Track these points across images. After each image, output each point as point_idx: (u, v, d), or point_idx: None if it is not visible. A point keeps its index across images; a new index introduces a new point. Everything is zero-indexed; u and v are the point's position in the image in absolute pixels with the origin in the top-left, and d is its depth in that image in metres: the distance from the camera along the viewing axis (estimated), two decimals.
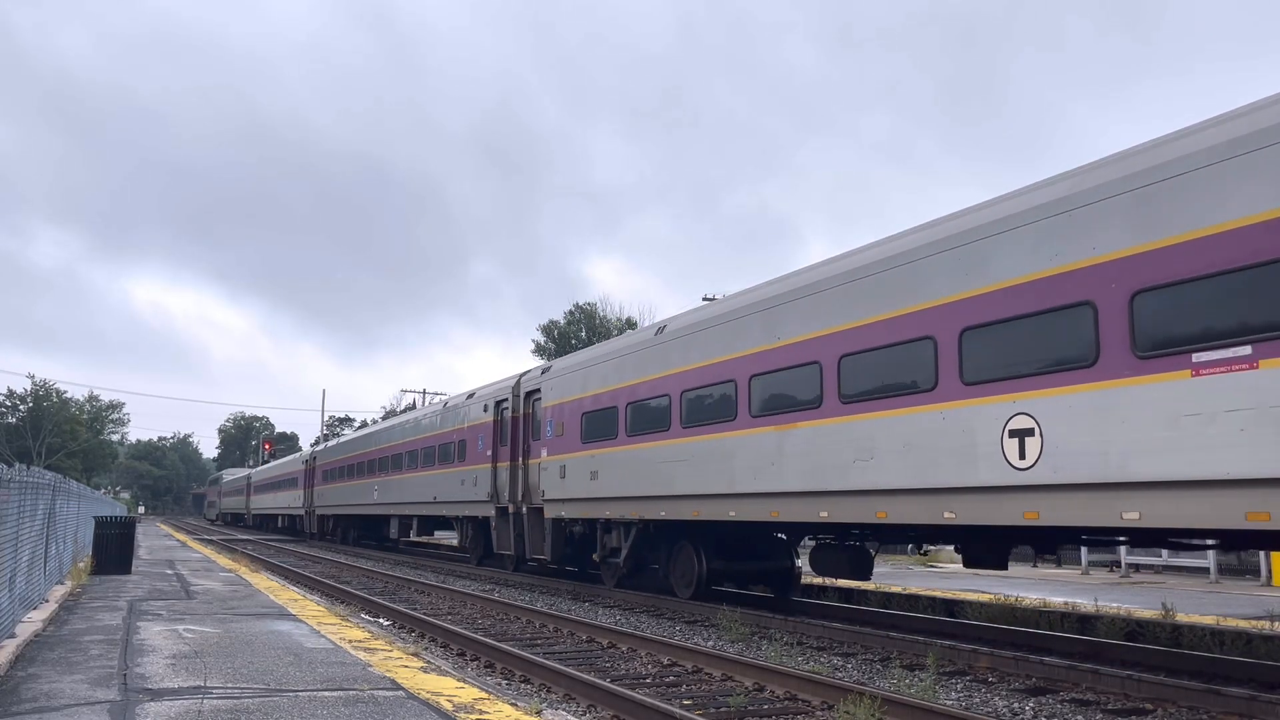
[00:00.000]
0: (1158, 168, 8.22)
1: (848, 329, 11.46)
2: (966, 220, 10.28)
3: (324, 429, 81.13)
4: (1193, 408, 7.65)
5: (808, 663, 10.24)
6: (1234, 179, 7.60)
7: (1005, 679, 9.40)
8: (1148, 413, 7.98)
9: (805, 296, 12.32)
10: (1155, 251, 8.08)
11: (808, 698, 8.38)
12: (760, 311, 13.19)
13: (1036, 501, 9.01)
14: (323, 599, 16.38)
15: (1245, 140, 7.59)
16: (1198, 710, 7.84)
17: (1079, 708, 8.17)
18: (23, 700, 6.81)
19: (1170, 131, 8.71)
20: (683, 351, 14.92)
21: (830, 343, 11.70)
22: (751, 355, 13.21)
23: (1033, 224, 9.25)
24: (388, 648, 9.79)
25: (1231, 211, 7.58)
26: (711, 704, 8.29)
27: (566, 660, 10.33)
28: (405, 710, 6.60)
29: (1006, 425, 9.25)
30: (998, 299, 9.49)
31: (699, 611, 14.53)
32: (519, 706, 6.93)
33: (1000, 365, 9.37)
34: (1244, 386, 7.32)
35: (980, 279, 9.73)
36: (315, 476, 44.48)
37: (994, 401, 9.42)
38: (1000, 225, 9.64)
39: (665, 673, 9.92)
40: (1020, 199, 9.70)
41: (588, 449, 17.68)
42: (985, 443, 9.45)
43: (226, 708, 6.57)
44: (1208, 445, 7.52)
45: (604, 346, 18.96)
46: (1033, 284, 9.12)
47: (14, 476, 10.08)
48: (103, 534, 19.64)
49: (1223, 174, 7.69)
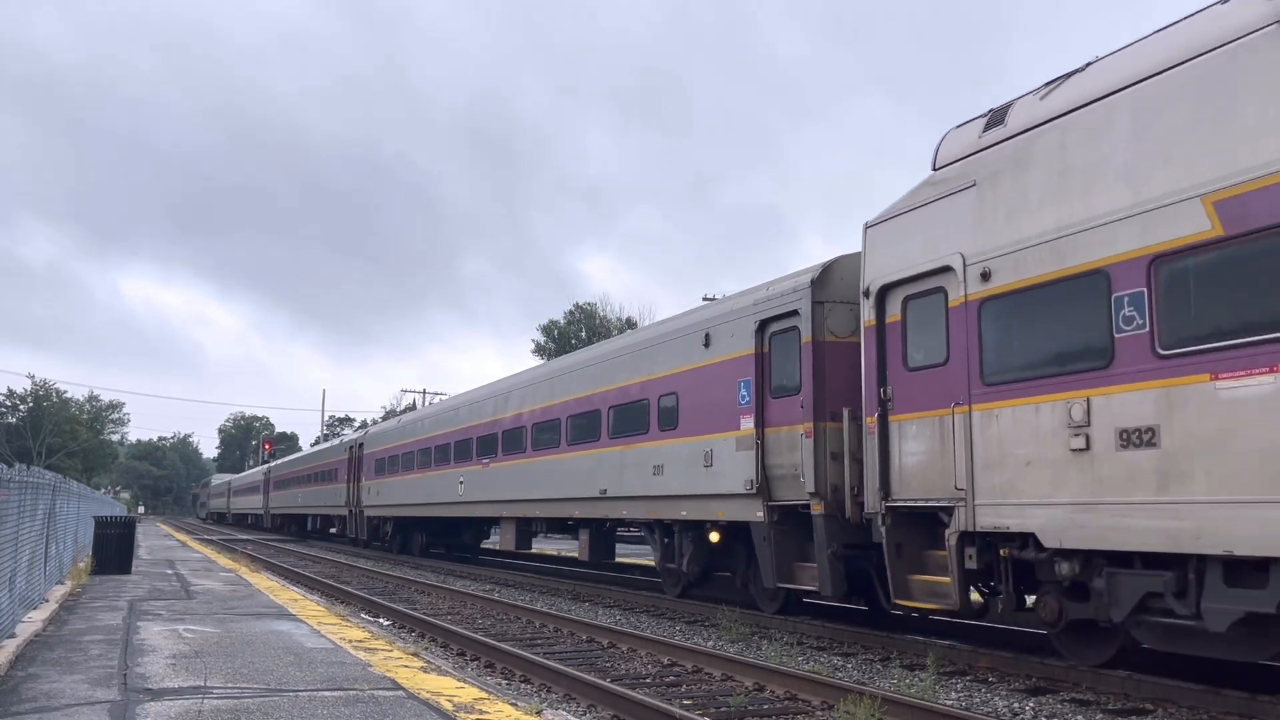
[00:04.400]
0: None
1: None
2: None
3: (324, 429, 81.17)
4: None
5: (808, 663, 10.24)
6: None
7: (1005, 679, 9.39)
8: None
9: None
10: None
11: (808, 698, 8.38)
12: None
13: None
14: (323, 599, 16.39)
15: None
16: (1198, 710, 7.83)
17: (1079, 708, 8.17)
18: (23, 700, 6.81)
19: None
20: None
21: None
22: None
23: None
24: (388, 648, 9.79)
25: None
26: (711, 704, 8.29)
27: (566, 660, 10.33)
28: (405, 710, 6.60)
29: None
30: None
31: (699, 611, 14.54)
32: (519, 706, 6.93)
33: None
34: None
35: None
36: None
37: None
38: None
39: (665, 673, 9.92)
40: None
41: (379, 479, 32.86)
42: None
43: (226, 708, 6.57)
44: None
45: (383, 427, 33.36)
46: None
47: (14, 476, 10.08)
48: (103, 534, 19.63)
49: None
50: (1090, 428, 8.16)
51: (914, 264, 10.15)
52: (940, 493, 9.64)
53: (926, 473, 9.91)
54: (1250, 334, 7.11)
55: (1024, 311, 8.89)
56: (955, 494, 9.38)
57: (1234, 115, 7.45)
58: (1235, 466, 7.13)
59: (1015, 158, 9.20)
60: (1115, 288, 8.04)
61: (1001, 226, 9.19)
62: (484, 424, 23.62)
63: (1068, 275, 8.48)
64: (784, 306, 12.72)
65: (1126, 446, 7.91)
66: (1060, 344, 8.53)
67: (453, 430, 25.94)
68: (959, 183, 9.80)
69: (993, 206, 9.33)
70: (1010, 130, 9.43)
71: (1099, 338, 8.15)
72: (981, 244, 9.36)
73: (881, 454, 10.43)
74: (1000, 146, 9.44)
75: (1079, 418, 8.25)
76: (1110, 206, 8.18)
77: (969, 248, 9.48)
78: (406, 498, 29.67)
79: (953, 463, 9.45)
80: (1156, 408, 7.68)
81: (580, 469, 18.09)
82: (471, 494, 23.96)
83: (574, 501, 18.45)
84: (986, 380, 9.17)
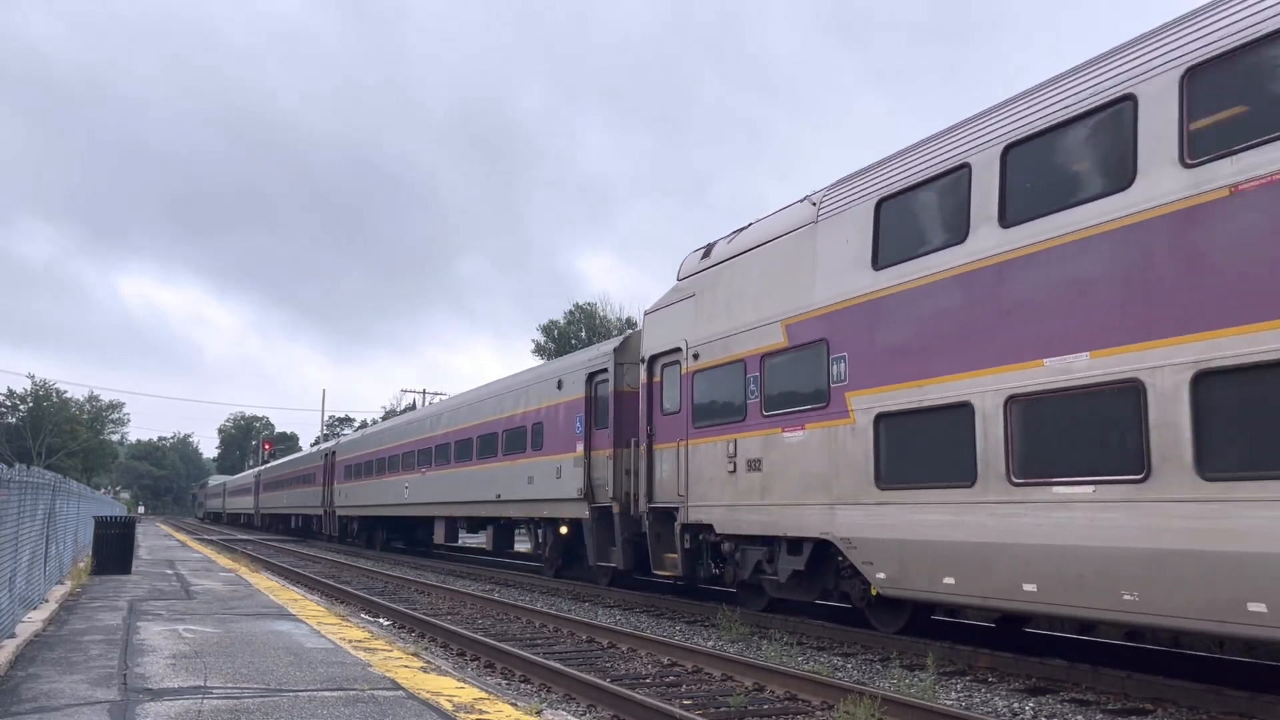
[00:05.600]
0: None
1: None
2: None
3: (324, 429, 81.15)
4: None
5: (808, 663, 10.24)
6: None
7: (1005, 679, 9.39)
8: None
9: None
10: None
11: (808, 698, 8.38)
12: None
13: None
14: (322, 599, 16.39)
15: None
16: (1198, 710, 7.84)
17: (1079, 708, 8.17)
18: (23, 700, 6.80)
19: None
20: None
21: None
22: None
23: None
24: (388, 648, 9.78)
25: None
26: (711, 704, 8.29)
27: (566, 660, 10.33)
28: (405, 710, 6.60)
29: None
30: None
31: (699, 611, 14.55)
32: (519, 706, 6.93)
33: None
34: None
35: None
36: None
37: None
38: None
39: (665, 673, 9.92)
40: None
41: (347, 483, 38.01)
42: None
43: (226, 708, 6.57)
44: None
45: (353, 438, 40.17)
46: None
47: (14, 476, 10.07)
48: (103, 534, 19.62)
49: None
50: (736, 458, 12.96)
51: (666, 343, 15.04)
52: (674, 498, 14.49)
53: (669, 484, 14.69)
54: (794, 406, 11.88)
55: (710, 382, 13.73)
56: (679, 498, 14.25)
57: (795, 273, 12.11)
58: (789, 484, 11.90)
59: (711, 281, 14.04)
60: (748, 372, 12.84)
61: (704, 325, 14.01)
62: (423, 439, 28.77)
63: (728, 361, 13.30)
64: (601, 365, 17.91)
65: (750, 470, 12.66)
66: (724, 405, 13.38)
67: (401, 443, 31.05)
68: (687, 292, 14.67)
69: (701, 311, 14.18)
70: (711, 261, 14.19)
71: (740, 403, 12.97)
72: (695, 335, 14.21)
73: (648, 472, 15.30)
74: (706, 272, 14.24)
75: (731, 452, 13.06)
76: (746, 321, 12.98)
77: (690, 336, 14.35)
78: (367, 500, 35.00)
79: (679, 478, 14.27)
80: (762, 447, 12.44)
81: (484, 478, 23.35)
82: (414, 497, 29.01)
83: (480, 504, 23.84)
84: (694, 425, 14.02)
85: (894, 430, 10.35)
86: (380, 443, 33.87)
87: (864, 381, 10.79)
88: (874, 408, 10.59)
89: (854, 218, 11.31)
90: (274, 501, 56.51)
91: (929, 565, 9.78)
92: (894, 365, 10.37)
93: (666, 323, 15.05)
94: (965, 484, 9.32)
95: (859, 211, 11.26)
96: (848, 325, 11.10)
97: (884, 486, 10.36)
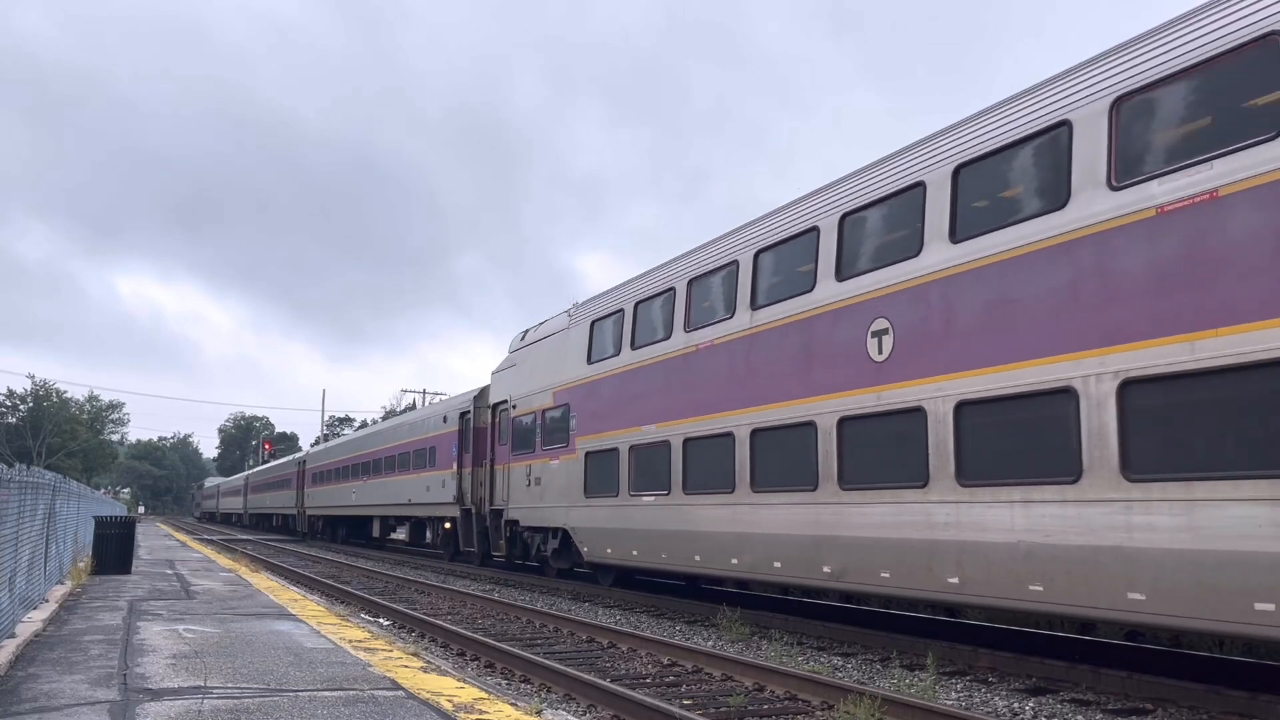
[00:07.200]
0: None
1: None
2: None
3: (324, 429, 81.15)
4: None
5: (808, 663, 10.24)
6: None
7: (1005, 679, 9.40)
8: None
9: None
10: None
11: (808, 698, 8.38)
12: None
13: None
14: (322, 599, 16.38)
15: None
16: (1198, 710, 7.84)
17: (1079, 708, 8.17)
18: (23, 700, 6.80)
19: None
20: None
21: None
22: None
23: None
24: (388, 648, 9.78)
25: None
26: (711, 704, 8.29)
27: (566, 660, 10.33)
28: (405, 710, 6.60)
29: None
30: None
31: (699, 611, 14.55)
32: (519, 706, 6.93)
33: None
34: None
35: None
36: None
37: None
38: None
39: (665, 673, 9.92)
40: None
41: (314, 487, 45.44)
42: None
43: (226, 708, 6.57)
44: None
45: (329, 445, 46.68)
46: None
47: (14, 476, 10.07)
48: (103, 534, 19.62)
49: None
50: (530, 475, 19.64)
51: (500, 395, 22.00)
52: (502, 503, 21.32)
53: (500, 493, 21.56)
54: (555, 444, 18.60)
55: (520, 424, 20.36)
56: (505, 503, 21.07)
57: (560, 360, 18.75)
58: (551, 493, 18.60)
59: (523, 356, 20.84)
60: (536, 420, 19.52)
61: (520, 386, 20.69)
62: (365, 454, 36.53)
63: (529, 412, 20.03)
64: (466, 406, 25.24)
65: (535, 484, 19.35)
66: (525, 439, 20.04)
67: (351, 456, 39.04)
68: (511, 362, 21.58)
69: (519, 376, 20.87)
70: (525, 343, 20.98)
71: (533, 440, 19.62)
72: (515, 392, 20.96)
73: (489, 484, 22.49)
74: (521, 349, 21.10)
75: (528, 471, 19.79)
76: (537, 386, 19.74)
77: (512, 393, 21.14)
78: (328, 502, 42.97)
79: (505, 489, 21.11)
80: (541, 469, 19.09)
81: (401, 487, 31.08)
82: (359, 500, 37.06)
83: (398, 506, 31.45)
84: (513, 453, 20.70)
85: (595, 461, 16.90)
86: (337, 455, 41.95)
87: (584, 430, 17.41)
88: (586, 447, 17.24)
89: (581, 330, 18.04)
90: (260, 502, 64.67)
91: (604, 542, 16.52)
92: (597, 421, 16.97)
93: (502, 381, 21.93)
94: (613, 494, 16.21)
95: (584, 326, 17.98)
96: (577, 396, 17.79)
97: (588, 496, 17.02)
